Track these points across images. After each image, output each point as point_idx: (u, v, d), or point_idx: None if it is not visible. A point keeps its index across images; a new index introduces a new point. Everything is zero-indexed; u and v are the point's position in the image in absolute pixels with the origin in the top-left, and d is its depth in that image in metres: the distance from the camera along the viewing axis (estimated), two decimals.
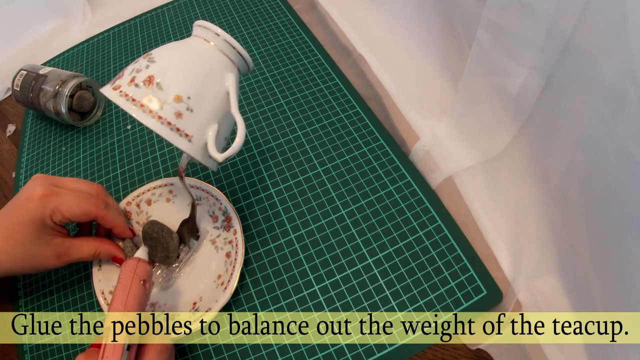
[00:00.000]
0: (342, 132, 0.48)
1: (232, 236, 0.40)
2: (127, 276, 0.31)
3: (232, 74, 0.33)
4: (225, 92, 0.32)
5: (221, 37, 0.33)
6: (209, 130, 0.31)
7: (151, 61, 0.31)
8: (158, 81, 0.30)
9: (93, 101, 0.56)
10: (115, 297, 0.30)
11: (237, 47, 0.33)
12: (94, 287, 0.39)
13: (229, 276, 0.38)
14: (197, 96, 0.31)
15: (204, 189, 0.43)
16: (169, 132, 0.29)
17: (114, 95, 0.30)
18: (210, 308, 0.37)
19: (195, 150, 0.31)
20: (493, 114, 0.37)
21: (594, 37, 0.25)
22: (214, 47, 0.33)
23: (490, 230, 0.39)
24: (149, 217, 0.44)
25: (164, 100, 0.29)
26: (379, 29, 0.55)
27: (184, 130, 0.30)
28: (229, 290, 0.37)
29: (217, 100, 0.32)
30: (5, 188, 0.55)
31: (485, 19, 0.33)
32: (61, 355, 0.39)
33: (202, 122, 0.31)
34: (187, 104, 0.30)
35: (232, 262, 0.39)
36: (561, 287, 0.33)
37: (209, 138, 0.31)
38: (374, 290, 0.38)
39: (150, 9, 0.69)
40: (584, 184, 0.28)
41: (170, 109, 0.29)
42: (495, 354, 0.35)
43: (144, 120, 0.29)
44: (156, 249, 0.40)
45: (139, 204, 0.44)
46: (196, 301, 0.39)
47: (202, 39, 0.33)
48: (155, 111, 0.29)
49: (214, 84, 0.32)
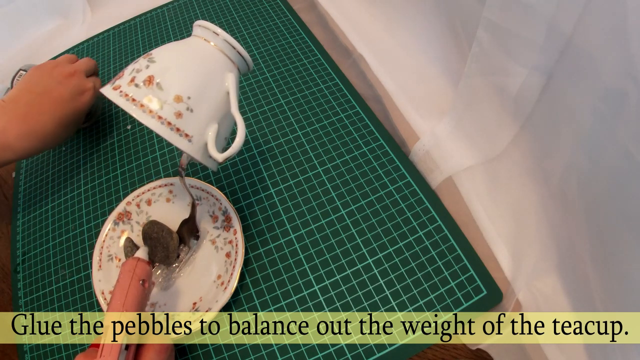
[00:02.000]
0: (342, 132, 0.48)
1: (232, 236, 0.40)
2: (126, 276, 0.31)
3: (232, 74, 0.33)
4: (225, 92, 0.32)
5: (221, 37, 0.32)
6: (209, 130, 0.31)
7: (151, 61, 0.31)
8: (158, 81, 0.30)
9: (94, 103, 0.55)
10: (114, 297, 0.30)
11: (237, 47, 0.33)
12: (93, 287, 0.39)
13: (229, 276, 0.38)
14: (197, 96, 0.30)
15: (203, 189, 0.43)
16: (169, 132, 0.29)
17: (114, 95, 0.30)
18: (210, 308, 0.37)
19: (196, 150, 0.31)
20: (493, 114, 0.37)
21: (594, 37, 0.25)
22: (214, 47, 0.33)
23: (490, 230, 0.39)
24: (149, 217, 0.44)
25: (164, 100, 0.29)
26: (379, 29, 0.55)
27: (184, 130, 0.30)
28: (229, 290, 0.37)
29: (217, 100, 0.32)
30: (5, 188, 0.55)
31: (485, 19, 0.33)
32: (61, 355, 0.39)
33: (202, 122, 0.31)
34: (187, 104, 0.30)
35: (232, 262, 0.39)
36: (561, 287, 0.33)
37: (209, 138, 0.31)
38: (374, 290, 0.38)
39: (150, 9, 0.69)
40: (584, 184, 0.28)
41: (170, 109, 0.29)
42: (495, 354, 0.35)
43: (144, 120, 0.29)
44: (156, 249, 0.40)
45: (139, 204, 0.44)
46: (196, 301, 0.39)
47: (202, 39, 0.33)
48: (155, 111, 0.29)
49: (214, 83, 0.32)
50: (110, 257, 0.41)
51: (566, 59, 0.28)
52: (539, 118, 0.33)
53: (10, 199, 0.53)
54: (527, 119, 0.34)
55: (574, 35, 0.27)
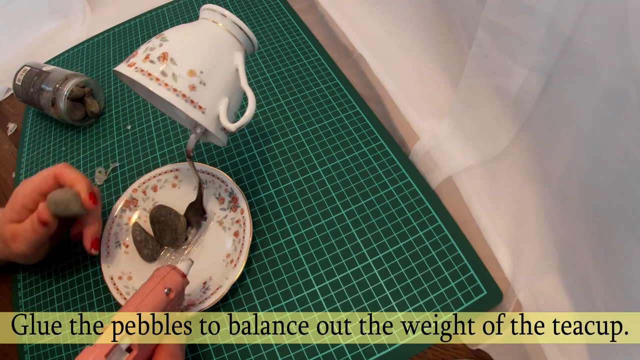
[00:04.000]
0: (342, 132, 0.48)
1: (240, 215, 0.41)
2: (153, 280, 0.31)
3: (240, 53, 0.35)
4: (235, 69, 0.34)
5: (228, 19, 0.34)
6: (221, 104, 0.33)
7: (164, 40, 0.33)
8: (172, 57, 0.32)
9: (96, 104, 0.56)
10: (133, 297, 0.30)
11: (244, 28, 0.35)
12: (102, 273, 0.40)
13: (238, 254, 0.39)
14: (209, 71, 0.32)
15: (209, 172, 0.44)
16: (184, 103, 0.31)
17: (130, 71, 0.31)
18: (221, 286, 0.38)
19: (209, 122, 0.33)
20: (493, 114, 0.37)
21: (594, 37, 0.25)
22: (222, 27, 0.34)
23: (490, 230, 0.39)
24: (155, 203, 0.44)
25: (179, 74, 0.31)
26: (379, 29, 0.55)
27: (197, 102, 0.32)
28: (239, 267, 0.38)
29: (227, 75, 0.34)
30: (5, 188, 0.55)
31: (485, 19, 0.33)
32: (61, 356, 0.39)
33: (214, 95, 0.33)
34: (200, 77, 0.32)
35: (240, 241, 0.40)
36: (561, 287, 0.33)
37: (221, 110, 0.33)
38: (374, 290, 0.38)
39: (150, 9, 0.69)
40: (584, 184, 0.28)
41: (184, 82, 0.31)
42: (495, 354, 0.35)
43: (160, 93, 0.31)
44: (164, 232, 0.41)
45: (145, 191, 0.44)
46: (206, 280, 0.39)
47: (211, 21, 0.35)
48: (170, 84, 0.31)
49: (223, 60, 0.34)
50: (117, 244, 0.42)
51: (566, 59, 0.28)
52: (539, 118, 0.33)
53: None
54: (527, 119, 0.34)
55: (574, 35, 0.27)
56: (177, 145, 0.51)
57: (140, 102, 0.56)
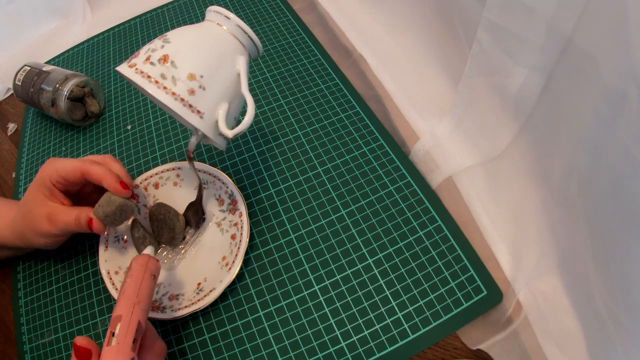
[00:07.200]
0: (342, 132, 0.48)
1: (238, 218, 0.41)
2: (139, 270, 0.32)
3: (243, 57, 0.34)
4: (236, 74, 0.34)
5: (233, 21, 0.34)
6: (220, 109, 0.33)
7: (166, 41, 0.32)
8: (173, 60, 0.31)
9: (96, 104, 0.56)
10: (128, 288, 0.31)
11: (248, 32, 0.34)
12: (99, 266, 0.40)
13: (233, 257, 0.39)
14: (209, 75, 0.32)
15: (211, 173, 0.44)
16: (182, 108, 0.31)
17: (130, 73, 0.31)
18: (214, 288, 0.37)
19: (207, 127, 0.32)
20: (493, 114, 0.37)
21: (594, 37, 0.25)
22: (226, 30, 0.34)
23: (490, 230, 0.39)
24: (156, 200, 0.44)
25: (178, 78, 0.31)
26: (379, 29, 0.55)
27: (196, 106, 0.31)
28: (233, 271, 0.38)
29: (229, 80, 0.33)
30: (5, 188, 0.55)
31: (485, 19, 0.33)
32: (61, 356, 0.39)
33: (214, 100, 0.32)
34: (200, 82, 0.31)
35: (237, 244, 0.40)
36: (561, 287, 0.33)
37: (220, 116, 0.33)
38: (374, 290, 0.38)
39: (150, 9, 0.69)
40: (584, 184, 0.28)
41: (183, 86, 0.31)
42: (495, 354, 0.35)
43: (158, 96, 0.30)
44: (162, 230, 0.41)
45: (146, 187, 0.44)
46: (200, 281, 0.39)
47: (215, 23, 0.34)
48: (169, 88, 0.31)
49: (225, 64, 0.33)
50: (117, 239, 0.42)
51: (566, 59, 0.28)
52: (539, 118, 0.33)
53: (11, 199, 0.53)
54: (527, 119, 0.34)
55: (574, 35, 0.27)
56: (177, 145, 0.51)
57: (140, 102, 0.56)
